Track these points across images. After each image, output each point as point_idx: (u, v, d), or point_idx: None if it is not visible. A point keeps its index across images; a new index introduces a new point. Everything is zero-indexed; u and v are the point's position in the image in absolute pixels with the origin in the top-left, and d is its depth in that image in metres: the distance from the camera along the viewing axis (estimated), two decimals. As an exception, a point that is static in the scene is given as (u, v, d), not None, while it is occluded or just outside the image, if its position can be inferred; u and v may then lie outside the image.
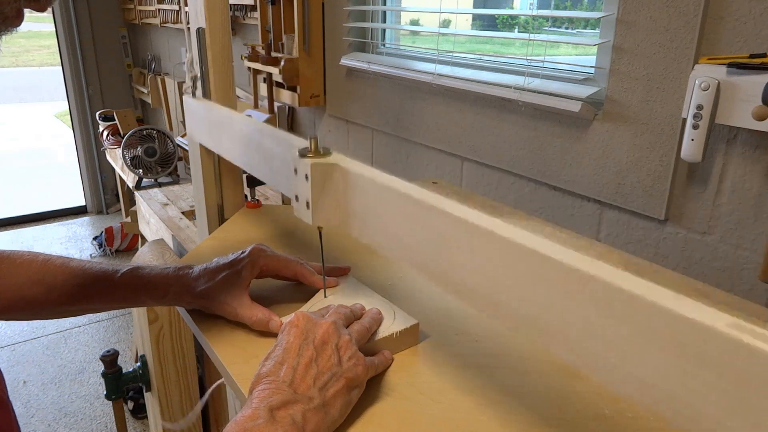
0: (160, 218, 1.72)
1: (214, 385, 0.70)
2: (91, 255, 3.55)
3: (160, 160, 2.50)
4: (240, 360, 0.62)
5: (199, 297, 0.67)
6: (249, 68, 2.16)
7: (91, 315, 2.90)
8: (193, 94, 0.92)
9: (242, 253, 0.69)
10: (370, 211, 0.54)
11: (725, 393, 0.29)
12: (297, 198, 0.60)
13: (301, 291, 0.74)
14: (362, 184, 0.54)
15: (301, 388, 0.49)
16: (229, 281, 0.67)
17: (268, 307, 0.67)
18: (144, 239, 2.33)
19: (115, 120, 3.10)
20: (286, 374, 0.50)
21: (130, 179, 2.57)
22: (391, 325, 0.63)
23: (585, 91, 1.16)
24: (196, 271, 0.69)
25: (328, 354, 0.53)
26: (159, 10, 3.17)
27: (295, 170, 0.59)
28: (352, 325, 0.59)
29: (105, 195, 4.25)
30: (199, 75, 0.89)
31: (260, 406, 0.46)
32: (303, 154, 0.58)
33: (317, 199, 0.57)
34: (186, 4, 0.91)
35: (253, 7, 2.17)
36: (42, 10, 0.46)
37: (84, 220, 4.18)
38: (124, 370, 1.33)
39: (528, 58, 1.31)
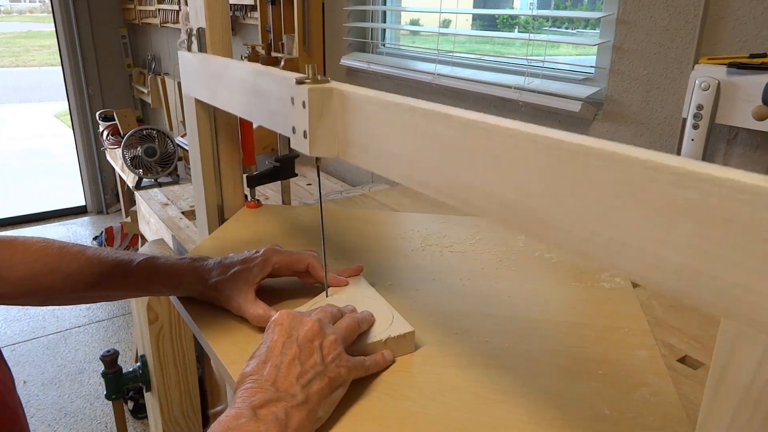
0: (160, 218, 1.71)
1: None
2: (91, 255, 3.54)
3: (160, 160, 2.49)
4: (240, 360, 0.61)
5: (210, 288, 0.69)
6: (249, 68, 2.16)
7: (91, 315, 2.90)
8: (189, 48, 0.91)
9: (256, 252, 0.71)
10: (371, 133, 0.52)
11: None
12: (294, 129, 0.59)
13: (306, 290, 0.74)
14: (362, 105, 0.52)
15: (284, 386, 0.50)
16: (239, 277, 0.68)
17: (273, 305, 0.68)
18: (144, 239, 2.33)
19: (115, 120, 3.09)
20: (269, 373, 0.51)
21: (130, 179, 2.57)
22: (386, 329, 0.62)
23: (585, 91, 1.16)
24: (211, 263, 0.71)
25: (311, 352, 0.53)
26: (159, 10, 3.17)
27: (292, 100, 0.58)
28: (339, 322, 0.59)
29: (105, 195, 4.25)
30: (194, 29, 0.88)
31: (243, 406, 0.47)
32: (300, 81, 0.56)
33: (315, 128, 0.56)
34: (186, 4, 0.91)
35: (253, 7, 2.17)
36: None
37: (84, 220, 4.18)
38: (124, 370, 1.33)
39: (528, 58, 1.31)
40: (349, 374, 0.54)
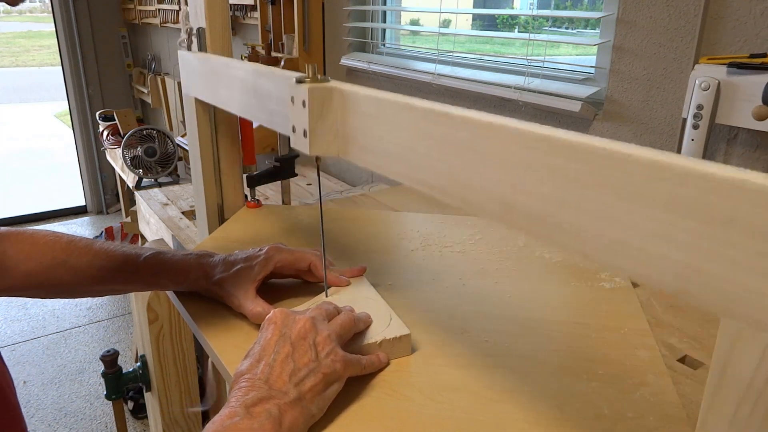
0: (160, 218, 1.71)
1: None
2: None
3: (160, 160, 2.49)
4: (240, 360, 0.62)
5: (214, 284, 0.70)
6: (249, 68, 2.16)
7: (91, 315, 2.90)
8: (189, 48, 0.91)
9: (260, 249, 0.72)
10: (371, 132, 0.52)
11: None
12: (294, 129, 0.59)
13: (308, 290, 0.74)
14: (362, 104, 0.52)
15: (277, 384, 0.50)
16: (241, 274, 0.68)
17: (275, 304, 0.68)
18: (144, 239, 2.33)
19: (115, 120, 3.09)
20: (262, 371, 0.51)
21: (130, 179, 2.57)
22: (382, 331, 0.62)
23: (585, 91, 1.16)
24: (216, 259, 0.72)
25: (304, 349, 0.53)
26: (159, 10, 3.17)
27: (292, 99, 0.57)
28: (334, 319, 0.59)
29: (105, 195, 4.25)
30: (194, 29, 0.88)
31: (236, 405, 0.47)
32: (300, 80, 0.56)
33: (315, 127, 0.56)
34: (186, 4, 0.91)
35: (253, 7, 2.17)
36: (13, 4, 0.47)
37: (84, 220, 4.18)
38: (124, 370, 1.32)
39: (528, 58, 1.31)
40: (345, 370, 0.54)
